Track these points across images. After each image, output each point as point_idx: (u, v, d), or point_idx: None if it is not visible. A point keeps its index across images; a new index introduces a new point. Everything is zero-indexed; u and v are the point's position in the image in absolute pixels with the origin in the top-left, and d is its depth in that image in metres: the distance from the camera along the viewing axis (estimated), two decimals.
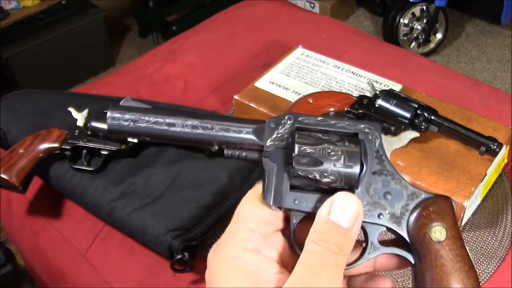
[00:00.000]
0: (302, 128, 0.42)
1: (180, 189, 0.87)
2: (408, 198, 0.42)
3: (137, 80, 1.24)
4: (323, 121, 0.42)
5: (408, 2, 2.37)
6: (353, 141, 0.41)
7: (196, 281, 0.84)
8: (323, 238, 0.39)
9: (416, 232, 0.41)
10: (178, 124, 0.42)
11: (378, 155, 0.42)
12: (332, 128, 0.42)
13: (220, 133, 0.42)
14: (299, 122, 0.42)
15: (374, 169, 0.42)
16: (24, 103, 1.05)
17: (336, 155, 0.40)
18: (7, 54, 2.17)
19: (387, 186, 0.42)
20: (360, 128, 0.42)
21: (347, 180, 0.41)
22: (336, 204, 0.40)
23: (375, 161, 0.42)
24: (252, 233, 0.42)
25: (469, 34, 2.64)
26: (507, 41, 2.57)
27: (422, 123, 0.88)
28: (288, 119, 0.42)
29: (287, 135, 0.42)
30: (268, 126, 0.43)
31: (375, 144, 0.42)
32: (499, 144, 0.85)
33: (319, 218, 0.40)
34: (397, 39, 2.40)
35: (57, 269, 0.94)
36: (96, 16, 2.37)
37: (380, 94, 0.91)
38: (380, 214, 0.42)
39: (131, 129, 0.42)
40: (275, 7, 1.47)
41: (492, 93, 1.17)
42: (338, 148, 0.41)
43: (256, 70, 1.19)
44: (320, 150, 0.41)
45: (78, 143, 0.92)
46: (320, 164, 0.40)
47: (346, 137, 0.42)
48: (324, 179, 0.40)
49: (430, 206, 0.42)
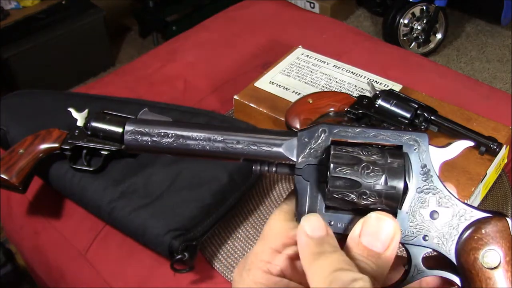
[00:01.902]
0: (338, 142, 0.38)
1: (180, 189, 0.87)
2: (458, 218, 0.38)
3: (137, 80, 1.24)
4: (362, 133, 0.38)
5: (408, 2, 2.37)
6: (395, 156, 0.37)
7: (196, 281, 0.84)
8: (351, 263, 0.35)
9: (465, 257, 0.37)
10: (202, 139, 0.38)
11: (425, 170, 0.38)
12: (372, 140, 0.38)
13: (247, 148, 0.38)
14: (334, 135, 0.38)
15: (419, 186, 0.38)
16: (24, 103, 1.05)
17: (376, 175, 0.36)
18: (7, 54, 2.17)
19: (434, 205, 0.38)
20: (404, 140, 0.38)
21: (389, 201, 0.37)
22: (368, 226, 0.36)
23: (421, 177, 0.38)
24: (278, 256, 0.38)
25: (469, 34, 2.64)
26: (507, 41, 2.57)
27: (422, 123, 0.88)
28: (322, 132, 0.38)
29: (321, 150, 0.38)
30: (300, 140, 0.38)
31: (422, 157, 0.38)
32: (499, 144, 0.85)
33: (350, 240, 0.36)
34: (397, 39, 2.40)
35: (57, 269, 0.94)
36: (96, 16, 2.37)
37: (380, 94, 0.91)
38: (426, 236, 0.38)
39: (151, 146, 0.38)
40: (275, 7, 1.47)
41: (492, 93, 1.17)
42: (379, 167, 0.36)
43: (256, 70, 1.19)
44: (358, 170, 0.36)
45: (78, 143, 0.92)
46: (358, 185, 0.36)
47: (388, 151, 0.37)
48: (363, 201, 0.37)
49: (482, 228, 0.37)
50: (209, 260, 0.86)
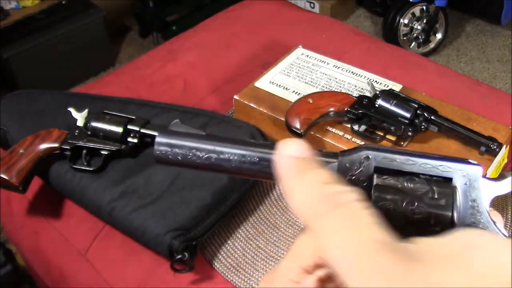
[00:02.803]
0: (382, 169, 0.35)
1: (180, 189, 0.87)
2: None
3: (137, 80, 1.24)
4: (409, 161, 0.35)
5: (408, 2, 2.37)
6: (444, 191, 0.34)
7: (196, 281, 0.84)
8: None
9: None
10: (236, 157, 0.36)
11: (474, 206, 0.35)
12: (420, 170, 0.35)
13: None
14: (378, 162, 0.35)
15: (467, 222, 0.35)
16: (24, 103, 1.05)
17: (421, 213, 0.34)
18: (7, 54, 2.17)
19: None
20: (455, 172, 0.35)
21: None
22: None
23: (469, 212, 0.35)
24: (308, 277, 0.35)
25: (469, 34, 2.64)
26: (507, 41, 2.57)
27: (422, 123, 0.88)
28: (365, 159, 0.35)
29: (364, 178, 0.35)
30: (340, 164, 0.36)
31: (472, 192, 0.35)
32: (499, 144, 0.85)
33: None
34: (397, 39, 2.40)
35: (57, 269, 0.94)
36: (96, 16, 2.37)
37: (380, 94, 0.91)
38: None
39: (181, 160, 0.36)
40: (275, 7, 1.47)
41: (492, 93, 1.17)
42: (424, 203, 0.34)
43: (256, 70, 1.19)
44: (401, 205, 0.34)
45: (78, 143, 0.92)
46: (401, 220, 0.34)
47: (435, 184, 0.34)
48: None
49: None
50: (209, 260, 0.86)
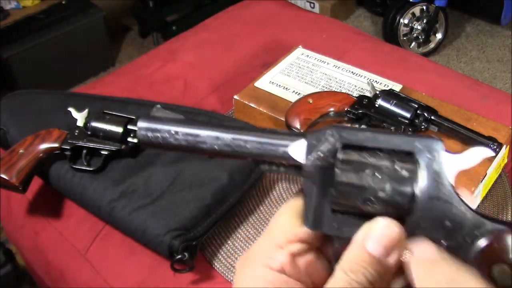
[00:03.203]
0: (347, 146, 0.37)
1: (180, 189, 0.87)
2: (471, 229, 0.36)
3: (137, 80, 1.24)
4: (372, 137, 0.37)
5: (408, 2, 2.37)
6: (405, 162, 0.36)
7: (196, 281, 0.84)
8: (351, 268, 0.34)
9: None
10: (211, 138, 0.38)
11: (437, 177, 0.36)
12: (383, 145, 0.36)
13: (254, 149, 0.38)
14: (343, 138, 0.37)
15: (431, 194, 0.36)
16: (24, 103, 1.05)
17: (382, 182, 0.35)
18: (7, 54, 2.17)
19: (445, 214, 0.36)
20: (416, 146, 0.36)
21: (395, 208, 0.35)
22: (373, 231, 0.35)
23: (433, 184, 0.36)
24: (280, 251, 0.38)
25: (469, 34, 2.64)
26: (507, 41, 2.57)
27: (422, 123, 0.88)
28: (330, 135, 0.37)
29: (329, 154, 0.37)
30: (307, 142, 0.38)
31: (435, 165, 0.36)
32: (499, 144, 0.85)
33: (354, 243, 0.36)
34: (397, 39, 2.40)
35: (57, 269, 0.94)
36: (96, 16, 2.37)
37: (380, 94, 0.91)
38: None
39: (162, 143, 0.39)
40: (275, 7, 1.47)
41: (492, 93, 1.17)
42: (386, 173, 0.35)
43: (256, 70, 1.19)
44: (363, 176, 0.36)
45: (78, 143, 0.92)
46: (363, 191, 0.36)
47: (398, 157, 0.36)
48: (369, 207, 0.36)
49: (495, 241, 0.35)
50: (209, 260, 0.86)
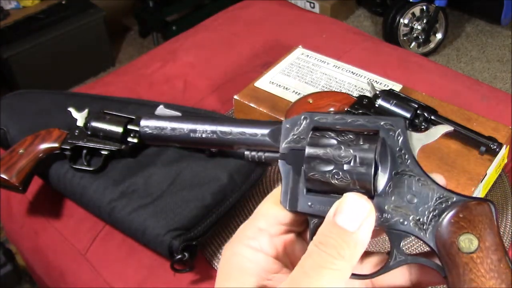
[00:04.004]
0: (319, 128, 0.40)
1: (180, 189, 0.87)
2: (437, 203, 0.37)
3: (137, 80, 1.24)
4: (341, 120, 0.40)
5: (408, 2, 2.37)
6: (369, 140, 0.38)
7: (196, 281, 0.84)
8: (321, 240, 0.36)
9: (443, 242, 0.37)
10: (199, 131, 0.44)
11: (401, 154, 0.38)
12: (350, 126, 0.39)
13: (237, 137, 0.43)
14: (315, 121, 0.40)
15: (397, 169, 0.38)
16: (24, 103, 1.05)
17: (347, 155, 0.38)
18: (7, 54, 2.17)
19: (411, 189, 0.38)
20: (380, 125, 0.39)
21: (361, 182, 0.38)
22: (343, 205, 0.37)
23: (398, 161, 0.38)
24: (260, 232, 0.41)
25: (469, 34, 2.64)
26: (507, 41, 2.57)
27: (422, 123, 0.88)
28: (304, 119, 0.41)
29: (303, 136, 0.40)
30: (283, 127, 0.42)
31: (398, 142, 0.39)
32: (499, 144, 0.85)
33: (326, 219, 0.38)
34: (397, 39, 2.40)
35: (57, 269, 0.94)
36: (96, 16, 2.37)
37: (380, 94, 0.91)
38: (404, 220, 0.38)
39: (159, 136, 0.45)
40: (275, 7, 1.47)
41: (492, 93, 1.17)
42: (350, 148, 0.38)
43: (256, 70, 1.19)
44: (331, 151, 0.38)
45: (78, 143, 0.92)
46: (330, 165, 0.38)
47: (363, 135, 0.39)
48: (337, 181, 0.38)
49: (460, 212, 0.36)
50: (209, 260, 0.86)
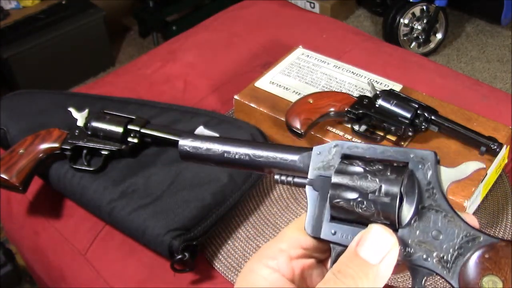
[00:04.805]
0: (348, 156, 0.41)
1: (180, 189, 0.87)
2: (463, 241, 0.36)
3: (137, 80, 1.24)
4: (371, 149, 0.40)
5: (408, 2, 2.37)
6: (397, 172, 0.38)
7: (196, 281, 0.84)
8: (340, 269, 0.36)
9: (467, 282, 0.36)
10: (233, 153, 0.45)
11: (429, 188, 0.38)
12: (380, 156, 0.40)
13: (268, 161, 0.44)
14: (345, 150, 0.41)
15: (424, 203, 0.38)
16: (24, 103, 1.05)
17: (372, 185, 0.38)
18: (7, 54, 2.17)
19: (437, 224, 0.37)
20: (410, 157, 0.39)
21: (385, 213, 0.37)
22: (366, 236, 0.37)
23: (426, 195, 0.38)
24: (280, 253, 0.41)
25: (469, 34, 2.64)
26: (507, 41, 2.57)
27: (422, 123, 0.88)
28: (335, 147, 0.41)
29: (332, 163, 0.41)
30: (314, 154, 0.42)
31: (427, 175, 0.38)
32: (499, 144, 0.85)
33: (348, 249, 0.37)
34: (397, 39, 2.40)
35: (57, 269, 0.94)
36: (96, 16, 2.37)
37: (380, 94, 0.91)
38: (427, 257, 0.37)
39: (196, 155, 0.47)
40: (275, 7, 1.47)
41: (492, 93, 1.17)
42: (377, 178, 0.38)
43: (256, 70, 1.19)
44: (357, 180, 0.38)
45: (78, 143, 0.92)
46: (355, 193, 0.38)
47: (392, 167, 0.39)
48: (360, 210, 0.38)
49: (487, 253, 0.36)
50: (209, 260, 0.86)
